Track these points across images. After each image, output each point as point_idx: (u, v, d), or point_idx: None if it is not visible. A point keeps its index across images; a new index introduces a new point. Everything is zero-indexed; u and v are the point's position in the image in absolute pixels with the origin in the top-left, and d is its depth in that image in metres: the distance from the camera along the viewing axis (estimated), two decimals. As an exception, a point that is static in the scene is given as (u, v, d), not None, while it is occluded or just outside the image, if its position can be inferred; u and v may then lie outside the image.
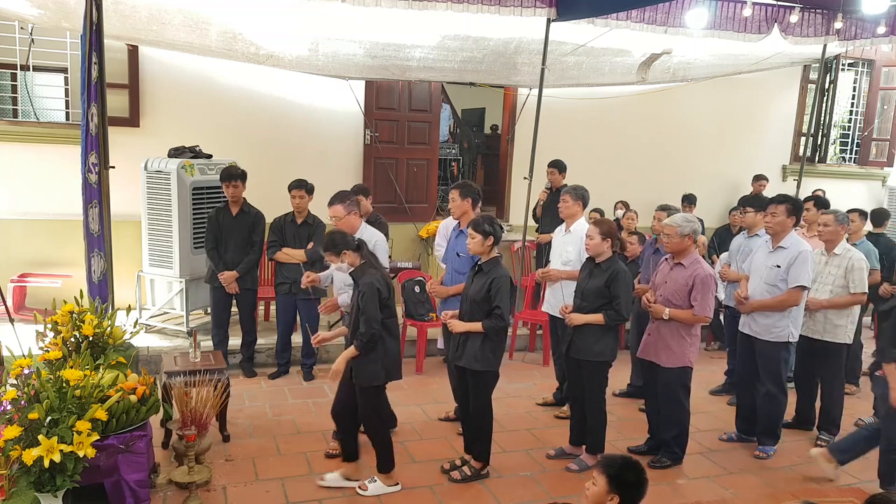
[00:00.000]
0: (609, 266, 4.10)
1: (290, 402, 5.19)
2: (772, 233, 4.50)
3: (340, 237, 3.79)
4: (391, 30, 6.01)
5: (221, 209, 5.49)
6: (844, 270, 4.62)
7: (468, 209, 4.73)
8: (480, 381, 3.97)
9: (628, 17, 5.95)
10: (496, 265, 3.92)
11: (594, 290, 4.10)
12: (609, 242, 4.10)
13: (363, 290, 3.66)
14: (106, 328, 4.01)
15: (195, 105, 6.78)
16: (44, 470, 2.80)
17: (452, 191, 4.86)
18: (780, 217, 4.41)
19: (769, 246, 4.54)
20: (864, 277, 4.61)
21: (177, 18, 5.59)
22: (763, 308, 4.45)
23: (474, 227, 3.93)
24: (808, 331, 4.72)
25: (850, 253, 4.68)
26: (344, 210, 4.34)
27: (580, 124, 8.17)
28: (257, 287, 5.67)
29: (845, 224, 4.76)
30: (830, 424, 4.83)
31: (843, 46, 7.28)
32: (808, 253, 4.35)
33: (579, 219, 4.94)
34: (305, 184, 5.36)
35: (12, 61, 6.36)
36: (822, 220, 4.77)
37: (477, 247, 3.92)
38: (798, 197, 7.87)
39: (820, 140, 9.56)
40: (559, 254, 5.00)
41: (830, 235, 4.71)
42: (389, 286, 3.78)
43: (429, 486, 3.97)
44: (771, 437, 4.62)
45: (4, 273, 6.09)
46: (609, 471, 2.41)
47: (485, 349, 3.88)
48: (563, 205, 4.95)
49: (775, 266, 4.41)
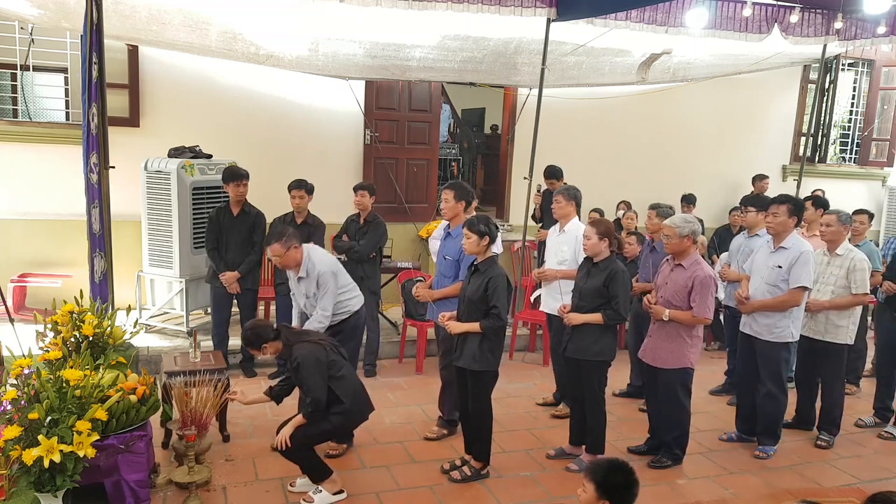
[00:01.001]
0: (607, 266, 4.09)
1: (291, 401, 5.16)
2: (773, 233, 4.49)
3: (254, 334, 3.71)
4: (391, 30, 6.01)
5: (222, 209, 5.48)
6: (846, 271, 4.62)
7: (460, 212, 4.53)
8: (480, 382, 3.96)
9: (628, 17, 5.95)
10: (492, 265, 3.91)
11: (592, 289, 4.10)
12: (607, 242, 4.09)
13: (297, 364, 3.60)
14: (106, 328, 4.02)
15: (195, 105, 6.78)
16: (44, 470, 2.80)
17: (446, 191, 4.61)
18: (781, 217, 4.40)
19: (770, 246, 4.53)
20: (865, 278, 4.61)
21: (177, 18, 5.59)
22: (764, 308, 4.44)
23: (469, 227, 3.89)
24: (810, 331, 4.72)
25: (852, 254, 4.67)
26: (282, 248, 4.09)
27: (580, 124, 8.17)
28: (258, 287, 5.67)
29: (848, 224, 4.75)
30: (831, 425, 4.83)
31: (843, 46, 7.28)
32: (809, 253, 4.34)
33: (573, 218, 4.95)
34: (305, 184, 5.36)
35: (12, 61, 6.36)
36: (824, 221, 4.77)
37: (472, 247, 3.90)
38: (799, 197, 7.90)
39: (820, 140, 9.56)
40: (554, 253, 5.00)
41: (833, 236, 4.70)
42: (328, 347, 3.72)
43: (429, 486, 3.97)
44: (771, 437, 4.61)
45: (4, 273, 6.09)
46: (596, 477, 2.39)
47: (483, 349, 3.87)
48: (557, 205, 4.96)
49: (777, 266, 4.40)
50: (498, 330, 3.89)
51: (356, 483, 3.96)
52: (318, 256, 4.28)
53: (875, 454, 4.73)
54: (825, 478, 4.34)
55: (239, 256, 5.42)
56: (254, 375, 5.63)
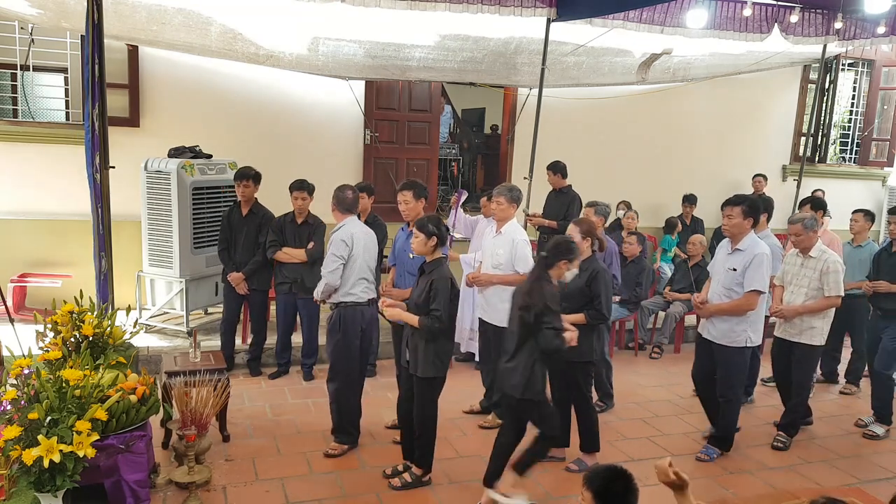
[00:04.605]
0: (589, 266, 4.06)
1: (290, 402, 5.19)
2: (729, 235, 4.35)
3: None
4: (391, 30, 6.01)
5: (233, 209, 5.53)
6: (819, 273, 4.56)
7: (420, 210, 4.48)
8: (426, 387, 3.88)
9: (628, 18, 5.95)
10: (438, 266, 3.82)
11: (576, 290, 4.05)
12: (589, 242, 4.06)
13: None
14: (106, 328, 4.01)
15: (195, 105, 6.78)
16: (44, 470, 2.80)
17: (404, 192, 4.51)
18: (736, 219, 4.25)
19: (728, 248, 4.40)
20: (839, 280, 4.56)
21: (177, 18, 5.60)
22: (720, 312, 4.33)
23: (419, 227, 3.83)
24: (785, 333, 4.70)
25: (825, 255, 4.60)
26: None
27: (580, 124, 8.17)
28: (267, 288, 5.67)
29: (815, 229, 4.68)
30: (790, 426, 4.75)
31: (843, 46, 7.29)
32: (763, 256, 4.20)
33: (511, 220, 4.74)
34: (307, 185, 5.36)
35: (12, 61, 6.36)
36: (791, 231, 4.72)
37: (420, 246, 3.83)
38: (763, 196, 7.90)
39: (820, 140, 9.56)
40: (490, 256, 4.76)
41: (803, 243, 4.67)
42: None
43: (429, 487, 3.97)
44: (721, 442, 4.53)
45: (4, 273, 6.09)
46: (593, 485, 2.39)
47: (429, 354, 3.78)
48: (498, 207, 4.68)
49: (732, 269, 4.29)
50: (436, 332, 3.74)
51: (356, 483, 3.97)
52: (349, 226, 4.30)
53: (875, 454, 4.73)
54: (825, 478, 4.34)
55: (246, 256, 5.45)
56: (259, 374, 5.64)
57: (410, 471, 4.00)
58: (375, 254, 4.51)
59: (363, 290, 4.31)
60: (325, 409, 4.88)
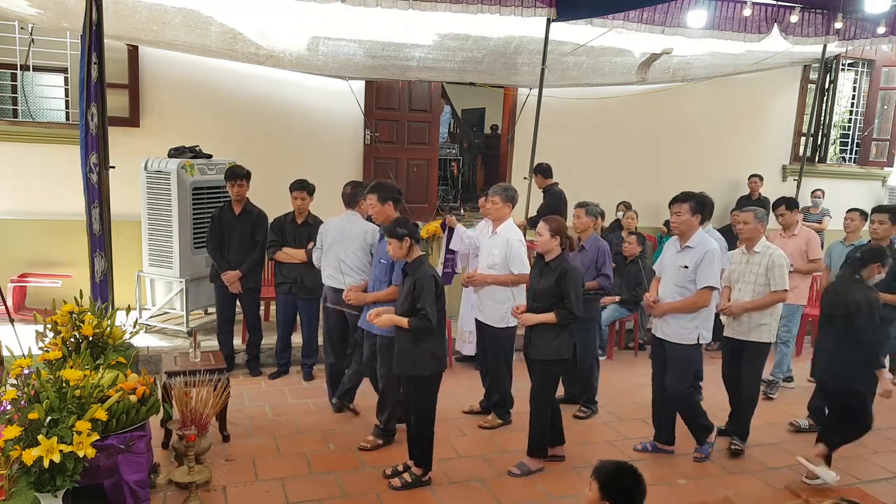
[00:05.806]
0: (558, 265, 4.02)
1: (290, 402, 5.18)
2: (678, 232, 4.31)
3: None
4: (391, 30, 6.01)
5: (224, 208, 5.50)
6: (765, 268, 4.49)
7: (391, 213, 4.34)
8: (420, 385, 3.88)
9: (628, 18, 5.95)
10: (419, 265, 3.81)
11: (545, 290, 4.03)
12: (558, 240, 4.02)
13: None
14: (106, 328, 4.01)
15: (195, 105, 6.79)
16: (44, 470, 2.79)
17: (369, 195, 4.39)
18: (684, 216, 4.23)
19: (677, 246, 4.36)
20: (784, 275, 4.48)
21: (177, 18, 5.60)
22: (673, 310, 4.27)
23: (389, 234, 3.79)
24: (733, 331, 4.61)
25: (769, 251, 4.53)
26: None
27: (580, 124, 8.17)
28: (260, 287, 5.68)
29: (764, 222, 4.62)
30: (742, 428, 4.64)
31: (843, 46, 7.29)
32: (714, 252, 4.17)
33: (506, 221, 4.75)
34: (307, 185, 5.36)
35: (12, 61, 6.36)
36: (741, 218, 4.66)
37: (397, 251, 3.80)
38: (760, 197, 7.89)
39: (820, 140, 9.57)
40: (485, 256, 4.77)
41: (750, 233, 4.58)
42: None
43: (429, 487, 3.97)
44: (702, 433, 4.46)
45: (4, 273, 6.09)
46: (600, 476, 2.39)
47: (424, 352, 3.78)
48: (493, 206, 4.68)
49: (683, 266, 4.25)
50: (425, 332, 3.74)
51: (356, 483, 3.97)
52: (331, 221, 4.86)
53: (875, 454, 4.73)
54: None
55: (240, 256, 5.43)
56: (259, 374, 5.65)
57: (410, 471, 3.99)
58: (352, 249, 4.72)
59: (328, 277, 4.80)
60: (325, 408, 4.89)
